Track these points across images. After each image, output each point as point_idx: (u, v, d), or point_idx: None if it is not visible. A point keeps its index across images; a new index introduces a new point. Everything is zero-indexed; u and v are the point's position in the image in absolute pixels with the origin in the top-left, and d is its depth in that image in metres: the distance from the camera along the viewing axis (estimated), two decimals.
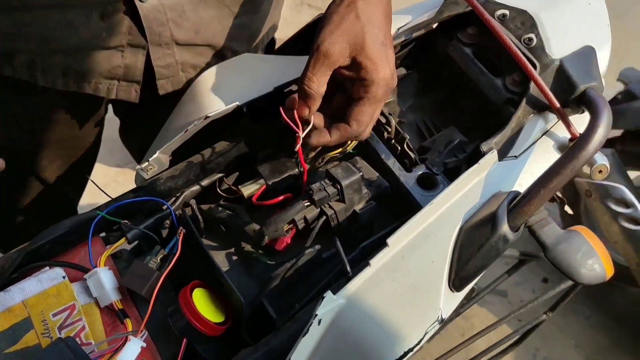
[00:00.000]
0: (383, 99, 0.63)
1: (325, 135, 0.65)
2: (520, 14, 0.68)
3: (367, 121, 0.63)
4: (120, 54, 0.77)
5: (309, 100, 0.63)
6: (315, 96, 0.62)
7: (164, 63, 0.81)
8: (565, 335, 1.92)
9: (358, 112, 0.63)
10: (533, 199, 0.58)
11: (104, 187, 0.73)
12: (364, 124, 0.63)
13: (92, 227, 0.66)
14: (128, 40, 0.77)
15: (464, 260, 0.59)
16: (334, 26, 0.61)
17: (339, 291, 0.58)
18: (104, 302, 0.64)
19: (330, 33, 0.60)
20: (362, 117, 0.63)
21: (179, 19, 0.77)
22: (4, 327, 0.62)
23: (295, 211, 0.65)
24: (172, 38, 0.78)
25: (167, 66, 0.81)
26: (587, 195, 1.67)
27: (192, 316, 0.62)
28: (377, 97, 0.62)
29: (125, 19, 0.74)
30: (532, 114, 0.66)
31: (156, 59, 0.79)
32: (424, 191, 0.66)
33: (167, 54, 0.80)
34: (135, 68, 0.80)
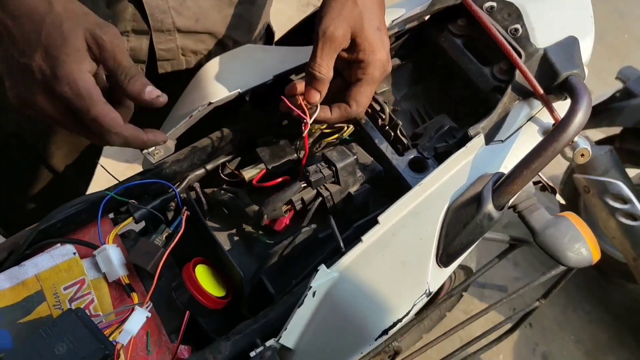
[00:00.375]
0: (379, 80, 0.67)
1: (326, 111, 0.69)
2: (507, 6, 0.72)
3: (365, 102, 0.67)
4: (126, 39, 0.82)
5: (319, 84, 0.66)
6: (325, 80, 0.66)
7: (166, 47, 0.85)
8: (565, 330, 1.94)
9: (357, 93, 0.67)
10: (516, 179, 0.61)
11: (113, 181, 0.76)
12: (363, 104, 0.67)
13: (101, 207, 0.70)
14: (132, 27, 0.81)
15: (450, 237, 0.62)
16: (336, 12, 0.65)
17: (332, 265, 0.61)
18: (112, 277, 0.68)
19: (333, 19, 0.64)
20: (360, 97, 0.67)
21: (180, 7, 0.81)
22: (18, 299, 0.66)
23: (292, 192, 0.69)
24: (174, 25, 0.82)
25: (168, 50, 0.85)
26: (586, 191, 1.70)
27: (195, 290, 0.66)
28: (374, 78, 0.66)
29: (129, 6, 0.78)
30: (518, 101, 0.69)
31: (158, 43, 0.83)
32: (415, 174, 0.69)
33: (169, 39, 0.84)
34: (140, 50, 0.84)
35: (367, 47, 0.66)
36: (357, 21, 0.65)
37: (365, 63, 0.66)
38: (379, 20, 0.67)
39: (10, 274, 0.67)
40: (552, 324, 1.95)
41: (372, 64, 0.66)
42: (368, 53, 0.66)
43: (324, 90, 0.67)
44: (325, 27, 0.64)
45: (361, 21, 0.65)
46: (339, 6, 0.66)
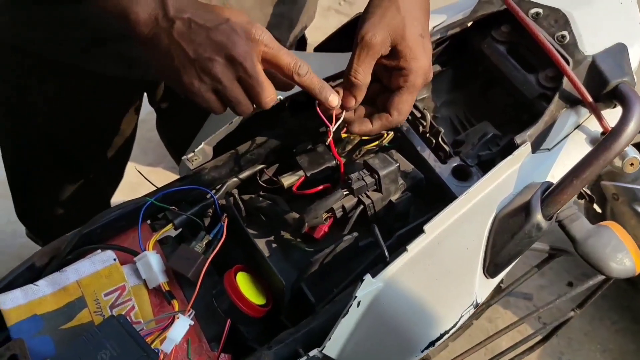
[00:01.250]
0: (420, 88, 0.66)
1: (367, 124, 0.68)
2: (553, 12, 0.71)
3: (406, 110, 0.66)
4: None
5: (355, 90, 0.66)
6: (361, 86, 0.66)
7: None
8: (591, 340, 1.91)
9: (398, 102, 0.66)
10: (566, 189, 0.60)
11: (137, 185, 0.76)
12: (404, 112, 0.66)
13: (141, 213, 0.70)
14: None
15: (498, 247, 0.61)
16: (377, 18, 0.64)
17: (377, 275, 0.60)
18: (152, 283, 0.68)
19: (373, 25, 0.64)
20: (402, 106, 0.66)
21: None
22: (60, 304, 0.66)
23: (334, 199, 0.68)
24: None
25: None
26: (614, 198, 1.67)
27: (236, 298, 0.65)
28: (415, 86, 0.65)
29: None
30: (565, 108, 0.68)
31: None
32: (459, 182, 0.69)
33: None
34: None
35: (409, 54, 0.65)
36: (399, 28, 0.65)
37: (407, 71, 0.65)
38: (423, 27, 0.66)
39: (52, 279, 0.67)
40: (579, 333, 1.92)
41: (414, 72, 0.65)
42: (409, 60, 0.65)
43: (360, 96, 0.67)
44: (364, 33, 0.64)
45: (403, 28, 0.64)
46: (380, 12, 0.65)
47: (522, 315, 1.88)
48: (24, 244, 1.71)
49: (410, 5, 0.65)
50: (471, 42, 0.77)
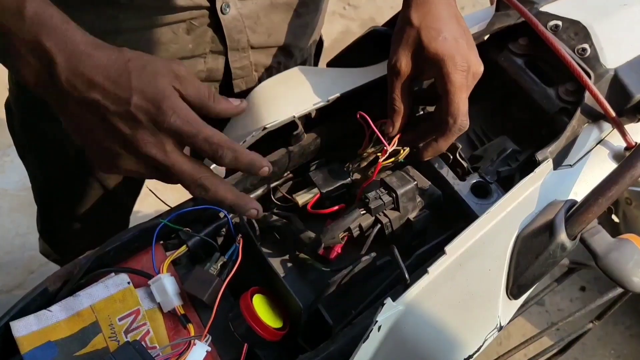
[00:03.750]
0: (465, 84, 0.64)
1: (433, 144, 0.67)
2: (573, 25, 0.69)
3: (457, 111, 0.64)
4: (203, 60, 0.83)
5: (393, 116, 0.68)
6: (398, 112, 0.67)
7: (240, 65, 0.86)
8: (605, 345, 1.89)
9: (447, 106, 0.64)
10: (591, 207, 0.58)
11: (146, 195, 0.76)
12: (456, 114, 0.64)
13: (155, 234, 0.69)
14: (210, 48, 0.82)
15: (521, 268, 0.60)
16: (397, 42, 0.66)
17: (397, 298, 0.59)
18: (167, 307, 0.66)
19: (395, 51, 0.65)
20: (452, 108, 0.64)
21: (254, 25, 0.83)
22: (74, 330, 0.65)
23: (351, 219, 0.67)
24: (248, 43, 0.84)
25: (242, 67, 0.87)
26: (627, 202, 1.65)
27: (253, 321, 0.64)
28: (456, 84, 0.63)
29: (209, 30, 0.80)
30: (587, 123, 0.66)
31: (234, 61, 0.85)
32: (479, 200, 0.67)
33: (243, 56, 0.85)
34: (217, 70, 0.85)
35: (435, 59, 0.64)
36: (416, 42, 0.64)
37: (441, 75, 0.64)
38: (449, 28, 0.64)
39: (65, 304, 0.66)
40: (592, 339, 1.90)
41: (449, 72, 0.63)
42: (438, 64, 0.64)
43: (398, 122, 0.68)
44: (389, 62, 0.66)
45: (419, 40, 0.64)
46: (399, 33, 0.66)
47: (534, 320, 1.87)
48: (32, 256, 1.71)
49: (423, 13, 0.65)
50: (487, 55, 0.76)
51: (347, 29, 2.53)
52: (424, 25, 0.64)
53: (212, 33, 0.81)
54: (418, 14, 0.65)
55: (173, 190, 0.75)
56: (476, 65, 0.65)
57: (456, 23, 0.66)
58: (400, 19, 0.67)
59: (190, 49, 0.80)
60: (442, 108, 0.65)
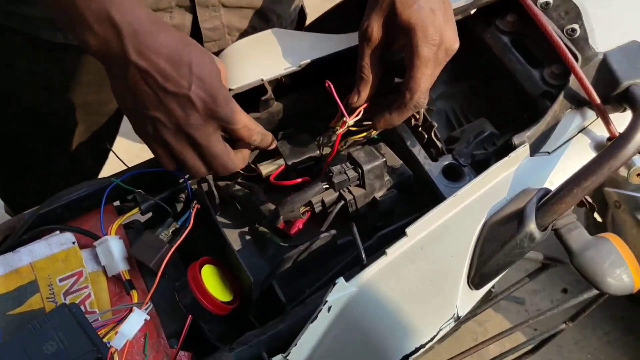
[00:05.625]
0: (434, 60, 0.60)
1: (386, 115, 0.64)
2: (564, 3, 0.65)
3: (418, 87, 0.60)
4: (169, 15, 0.78)
5: (360, 85, 0.64)
6: (366, 80, 0.63)
7: (211, 25, 0.81)
8: (582, 349, 1.86)
9: (408, 79, 0.60)
10: (565, 197, 0.55)
11: (127, 162, 0.72)
12: (415, 90, 0.60)
13: (105, 194, 0.65)
14: (177, 2, 0.77)
15: (485, 256, 0.56)
16: (370, 7, 0.62)
17: (351, 278, 0.55)
18: (111, 271, 0.63)
19: (367, 16, 0.61)
20: (413, 83, 0.60)
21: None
22: (10, 288, 0.61)
23: (313, 193, 0.63)
24: (219, 0, 0.79)
25: (213, 29, 0.82)
26: (616, 206, 1.62)
27: (199, 293, 0.60)
28: (423, 58, 0.59)
29: None
30: (570, 109, 0.62)
31: (203, 21, 0.80)
32: (449, 182, 0.63)
33: (214, 16, 0.80)
34: (183, 27, 0.80)
35: (406, 27, 0.59)
36: (389, 6, 0.60)
37: (410, 45, 0.60)
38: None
39: (3, 260, 0.63)
40: (570, 342, 1.87)
41: (418, 44, 0.59)
42: (408, 33, 0.60)
43: (365, 91, 0.64)
44: (360, 27, 0.63)
45: (393, 6, 0.60)
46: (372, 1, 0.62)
47: (513, 319, 1.85)
48: None
49: None
50: (473, 30, 0.71)
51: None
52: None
53: None
54: None
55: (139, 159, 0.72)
56: (450, 41, 0.60)
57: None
58: None
59: (154, 0, 0.75)
60: (404, 80, 0.61)
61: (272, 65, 0.69)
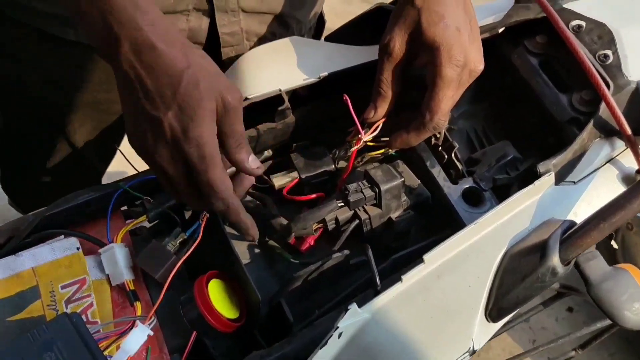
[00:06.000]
0: (456, 81, 0.58)
1: (403, 134, 0.62)
2: (598, 27, 0.62)
3: (438, 109, 0.58)
4: (185, 18, 0.76)
5: (377, 100, 0.61)
6: (384, 96, 0.61)
7: (229, 30, 0.79)
8: None
9: (429, 99, 0.58)
10: (591, 232, 0.52)
11: (131, 158, 0.70)
12: (435, 112, 0.58)
13: (113, 200, 0.63)
14: (194, 5, 0.75)
15: (505, 289, 0.54)
16: (393, 20, 0.59)
17: (364, 304, 0.53)
18: (115, 280, 0.61)
19: (390, 29, 0.59)
20: (433, 104, 0.58)
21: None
22: (11, 292, 0.59)
23: (327, 210, 0.61)
24: (238, 5, 0.77)
25: (232, 34, 0.80)
26: (628, 228, 1.59)
27: (205, 309, 0.58)
28: (445, 79, 0.57)
29: None
30: (598, 138, 0.60)
31: (222, 25, 0.78)
32: (469, 207, 0.61)
33: (233, 21, 0.78)
34: (199, 30, 0.78)
35: (430, 45, 0.58)
36: (414, 23, 0.58)
37: (432, 64, 0.58)
38: (453, 15, 0.58)
39: (5, 263, 0.60)
40: None
41: (441, 63, 0.57)
42: (432, 52, 0.58)
43: (382, 107, 0.61)
44: (382, 40, 0.60)
45: (419, 21, 0.58)
46: (397, 12, 0.60)
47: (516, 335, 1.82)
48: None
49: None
50: (500, 49, 0.69)
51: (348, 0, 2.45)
52: (426, 7, 0.58)
53: None
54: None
55: None
56: (475, 63, 0.58)
57: (462, 10, 0.59)
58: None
59: (172, 3, 0.73)
60: (424, 100, 0.59)
61: (290, 75, 0.67)
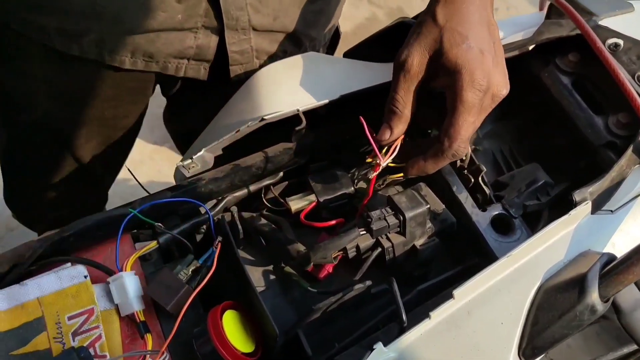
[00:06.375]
0: (478, 106, 0.54)
1: (419, 162, 0.58)
2: (636, 46, 0.59)
3: (459, 135, 0.54)
4: (194, 35, 0.74)
5: (392, 120, 0.57)
6: (400, 117, 0.57)
7: (239, 49, 0.77)
8: None
9: (448, 125, 0.55)
10: (633, 267, 0.49)
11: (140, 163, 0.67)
12: (456, 138, 0.55)
13: (122, 226, 0.60)
14: (203, 23, 0.73)
15: (540, 326, 0.51)
16: (413, 37, 0.56)
17: (390, 343, 0.50)
18: (125, 310, 0.58)
19: (408, 45, 0.56)
20: (453, 130, 0.54)
21: (259, 5, 0.73)
22: (15, 324, 0.56)
23: (348, 239, 0.58)
24: (249, 23, 0.74)
25: (241, 52, 0.77)
26: None
27: (219, 343, 0.55)
28: (466, 103, 0.53)
29: (203, 1, 0.70)
30: (638, 165, 0.57)
31: (231, 44, 0.75)
32: (499, 236, 0.58)
33: (243, 39, 0.75)
34: (207, 48, 0.76)
35: (452, 67, 0.54)
36: (436, 42, 0.55)
37: (453, 88, 0.55)
38: (476, 36, 0.55)
39: (9, 293, 0.58)
40: None
41: (462, 87, 0.54)
42: (453, 74, 0.54)
43: (398, 128, 0.57)
44: (398, 55, 0.57)
45: (441, 41, 0.54)
46: (417, 29, 0.56)
47: None
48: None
49: (451, 14, 0.55)
50: (529, 67, 0.66)
51: (373, 16, 2.42)
52: (449, 27, 0.55)
53: (206, 5, 0.71)
54: (445, 10, 0.55)
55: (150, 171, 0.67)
56: (499, 86, 0.55)
57: (487, 31, 0.56)
58: (424, 11, 0.57)
59: (180, 20, 0.71)
60: (443, 126, 0.56)
61: (308, 93, 0.63)
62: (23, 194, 1.04)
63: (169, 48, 0.74)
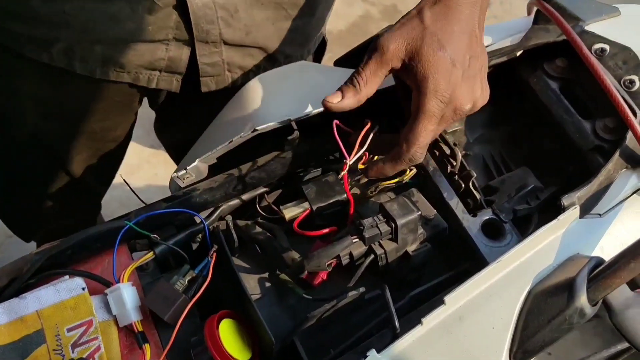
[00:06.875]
0: (438, 116, 0.55)
1: (379, 164, 0.59)
2: (622, 51, 0.60)
3: (416, 142, 0.55)
4: (165, 47, 0.73)
5: (347, 90, 0.57)
6: (356, 91, 0.56)
7: (210, 61, 0.76)
8: None
9: (407, 130, 0.55)
10: (620, 271, 0.50)
11: (136, 167, 0.68)
12: (413, 144, 0.55)
13: (118, 239, 0.61)
14: (174, 35, 0.73)
15: (530, 330, 0.52)
16: (396, 27, 0.56)
17: (383, 349, 0.51)
18: (123, 321, 0.59)
19: (390, 31, 0.55)
20: (411, 136, 0.54)
21: (230, 19, 0.72)
22: (15, 337, 0.57)
23: (342, 247, 0.59)
24: (220, 37, 0.74)
25: (212, 64, 0.77)
26: None
27: (216, 352, 0.56)
28: (427, 112, 0.54)
29: (173, 13, 0.70)
30: (625, 169, 0.58)
31: (202, 55, 0.75)
32: (489, 241, 0.59)
33: (213, 52, 0.75)
34: (179, 60, 0.76)
35: (421, 71, 0.54)
36: (416, 40, 0.54)
37: (417, 92, 0.55)
38: (455, 46, 0.54)
39: (8, 306, 0.58)
40: None
41: (425, 95, 0.54)
42: (421, 80, 0.54)
43: (349, 100, 0.57)
44: (377, 37, 0.56)
45: (421, 41, 0.54)
46: (402, 21, 0.56)
47: None
48: None
49: (438, 20, 0.55)
50: (518, 72, 0.66)
51: (367, 14, 2.42)
52: (432, 30, 0.54)
53: (177, 17, 0.71)
54: (433, 11, 0.55)
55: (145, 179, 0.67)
56: (462, 101, 0.54)
57: (466, 43, 0.55)
58: (416, 6, 0.57)
59: (150, 31, 0.70)
60: (403, 130, 0.56)
61: (301, 103, 0.64)
62: (16, 207, 1.04)
63: (140, 59, 0.74)
